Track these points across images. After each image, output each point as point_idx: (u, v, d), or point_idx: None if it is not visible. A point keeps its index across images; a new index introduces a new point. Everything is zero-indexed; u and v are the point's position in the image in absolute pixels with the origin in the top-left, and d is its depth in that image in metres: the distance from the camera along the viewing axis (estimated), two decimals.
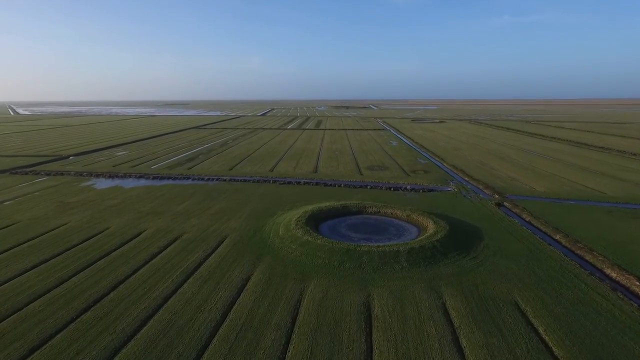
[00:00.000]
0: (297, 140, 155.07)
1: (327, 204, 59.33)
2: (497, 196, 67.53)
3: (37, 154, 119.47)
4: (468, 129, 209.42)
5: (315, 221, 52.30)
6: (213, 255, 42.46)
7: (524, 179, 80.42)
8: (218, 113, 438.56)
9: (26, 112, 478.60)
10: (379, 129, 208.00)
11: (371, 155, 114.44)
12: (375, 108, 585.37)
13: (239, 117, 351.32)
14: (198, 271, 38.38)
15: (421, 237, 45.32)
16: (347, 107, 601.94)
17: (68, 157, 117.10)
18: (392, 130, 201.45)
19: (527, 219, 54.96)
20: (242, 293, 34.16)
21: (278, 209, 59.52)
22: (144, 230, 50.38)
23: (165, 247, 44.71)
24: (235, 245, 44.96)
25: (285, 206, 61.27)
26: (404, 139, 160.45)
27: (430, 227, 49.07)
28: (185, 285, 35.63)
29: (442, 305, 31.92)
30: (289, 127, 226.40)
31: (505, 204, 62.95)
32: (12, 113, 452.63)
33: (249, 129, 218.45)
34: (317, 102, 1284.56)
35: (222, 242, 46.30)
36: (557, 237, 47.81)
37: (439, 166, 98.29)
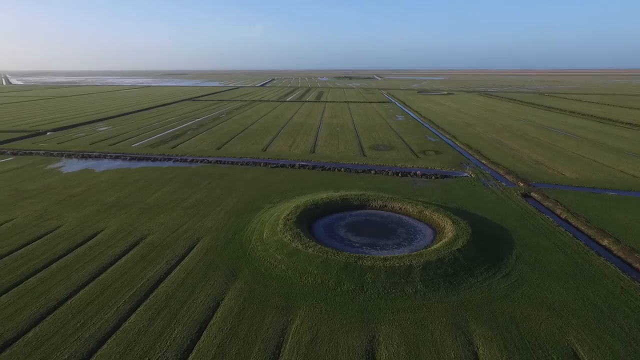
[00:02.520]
0: (295, 114, 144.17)
1: (324, 195, 50.20)
2: (521, 184, 58.11)
3: (14, 129, 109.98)
4: (478, 101, 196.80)
5: (308, 219, 43.37)
6: (178, 267, 33.84)
7: (550, 163, 70.65)
8: (216, 84, 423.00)
9: (19, 82, 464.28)
10: (383, 102, 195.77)
11: (375, 132, 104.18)
12: (379, 79, 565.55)
13: (238, 88, 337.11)
14: (153, 294, 29.82)
15: (438, 245, 36.37)
16: (350, 78, 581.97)
17: (45, 132, 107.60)
18: (397, 103, 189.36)
19: (563, 216, 45.80)
20: (205, 331, 25.68)
21: (266, 201, 50.53)
22: (101, 230, 41.68)
23: (121, 256, 36.07)
24: (207, 254, 36.26)
25: (274, 197, 52.22)
26: (410, 113, 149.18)
27: (448, 228, 40.08)
28: (132, 317, 27.14)
29: (474, 356, 23.34)
30: (288, 99, 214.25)
31: (533, 194, 53.63)
32: (4, 83, 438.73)
33: (246, 101, 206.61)
34: (320, 72, 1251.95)
35: (192, 248, 37.61)
36: (605, 242, 38.79)
37: (451, 145, 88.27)
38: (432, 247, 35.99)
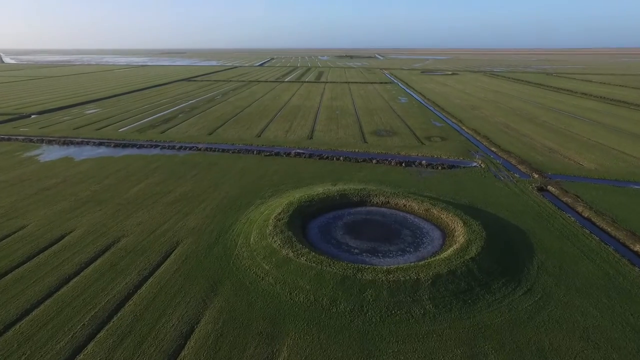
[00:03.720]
0: (293, 96, 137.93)
1: (320, 189, 45.53)
2: (536, 176, 53.31)
3: None
4: (484, 82, 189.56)
5: (302, 218, 38.82)
6: (150, 279, 29.51)
7: (565, 150, 65.58)
8: (214, 63, 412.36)
9: (12, 61, 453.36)
10: (385, 82, 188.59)
11: (377, 116, 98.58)
12: (381, 58, 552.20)
13: (235, 67, 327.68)
14: (118, 315, 25.55)
15: (449, 252, 31.90)
16: (352, 57, 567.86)
17: (29, 115, 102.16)
18: (400, 84, 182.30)
19: (586, 215, 41.19)
20: None
21: (256, 196, 45.91)
22: (71, 232, 37.22)
23: (88, 264, 31.71)
24: (186, 261, 31.89)
25: (266, 191, 47.58)
26: (413, 95, 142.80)
27: (459, 231, 35.57)
28: (89, 346, 22.93)
29: None
30: (286, 80, 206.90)
31: (550, 188, 48.92)
32: None
33: (243, 81, 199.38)
34: (320, 51, 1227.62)
35: (170, 253, 33.22)
36: (638, 248, 34.30)
37: (457, 130, 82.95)
38: (441, 255, 31.53)
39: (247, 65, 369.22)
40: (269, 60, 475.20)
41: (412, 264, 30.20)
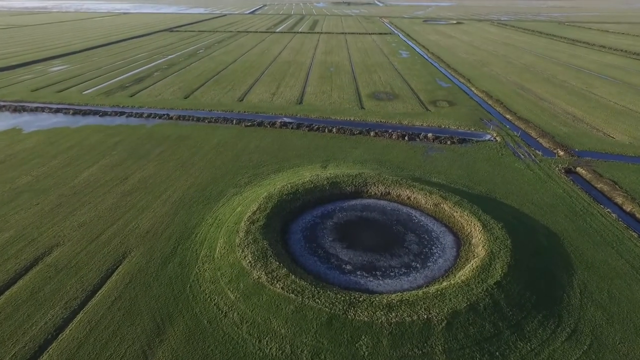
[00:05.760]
0: (284, 50, 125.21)
1: (307, 176, 37.68)
2: (562, 153, 45.48)
3: None
4: (492, 33, 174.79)
5: (282, 218, 31.41)
6: (79, 317, 22.55)
7: (591, 119, 57.12)
8: (201, 10, 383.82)
9: None
10: (385, 33, 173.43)
11: (376, 74, 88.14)
12: (381, 4, 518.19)
13: (224, 15, 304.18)
14: None
15: (467, 271, 24.88)
16: (349, 4, 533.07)
17: None
18: (400, 35, 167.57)
19: (629, 209, 33.97)
20: None
21: (230, 183, 38.17)
22: None
23: (1, 292, 24.57)
24: (130, 286, 24.80)
25: (243, 176, 39.76)
26: (416, 48, 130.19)
27: (478, 236, 28.43)
28: None
29: None
30: (277, 30, 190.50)
31: (579, 170, 41.37)
32: None
33: (231, 32, 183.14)
34: None
35: (112, 273, 26.04)
36: None
37: (466, 92, 73.52)
38: (457, 277, 24.53)
39: (237, 12, 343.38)
40: (261, 7, 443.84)
41: (420, 292, 23.26)
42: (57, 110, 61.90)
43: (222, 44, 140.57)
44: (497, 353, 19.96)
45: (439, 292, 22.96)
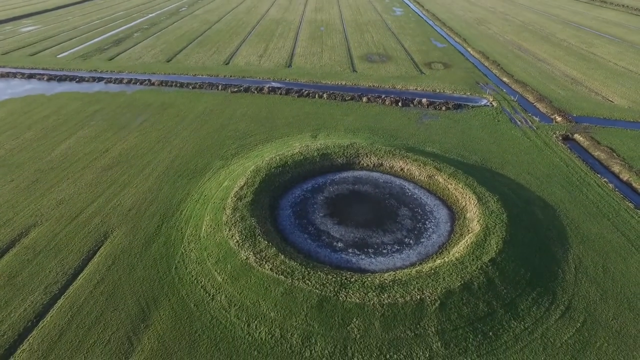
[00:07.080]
0: (272, 6, 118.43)
1: (296, 147, 36.06)
2: (559, 119, 44.21)
3: None
4: None
5: (271, 193, 30.21)
6: (60, 301, 21.68)
7: (590, 81, 55.38)
8: None
9: None
10: None
11: (369, 33, 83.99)
12: None
13: None
14: None
15: (461, 248, 24.25)
16: None
17: None
18: None
19: (626, 178, 33.34)
20: None
21: (217, 155, 36.52)
22: None
23: None
24: (113, 267, 23.83)
25: (230, 146, 38.05)
26: (410, 4, 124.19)
27: (473, 210, 27.68)
28: None
29: None
30: None
31: (577, 136, 40.35)
32: None
33: None
34: None
35: (94, 255, 24.98)
36: None
37: (462, 53, 70.58)
38: (451, 254, 23.93)
39: None
40: None
41: (414, 270, 22.66)
42: (31, 76, 58.15)
43: (206, 0, 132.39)
44: (491, 333, 19.68)
45: (432, 271, 22.38)
